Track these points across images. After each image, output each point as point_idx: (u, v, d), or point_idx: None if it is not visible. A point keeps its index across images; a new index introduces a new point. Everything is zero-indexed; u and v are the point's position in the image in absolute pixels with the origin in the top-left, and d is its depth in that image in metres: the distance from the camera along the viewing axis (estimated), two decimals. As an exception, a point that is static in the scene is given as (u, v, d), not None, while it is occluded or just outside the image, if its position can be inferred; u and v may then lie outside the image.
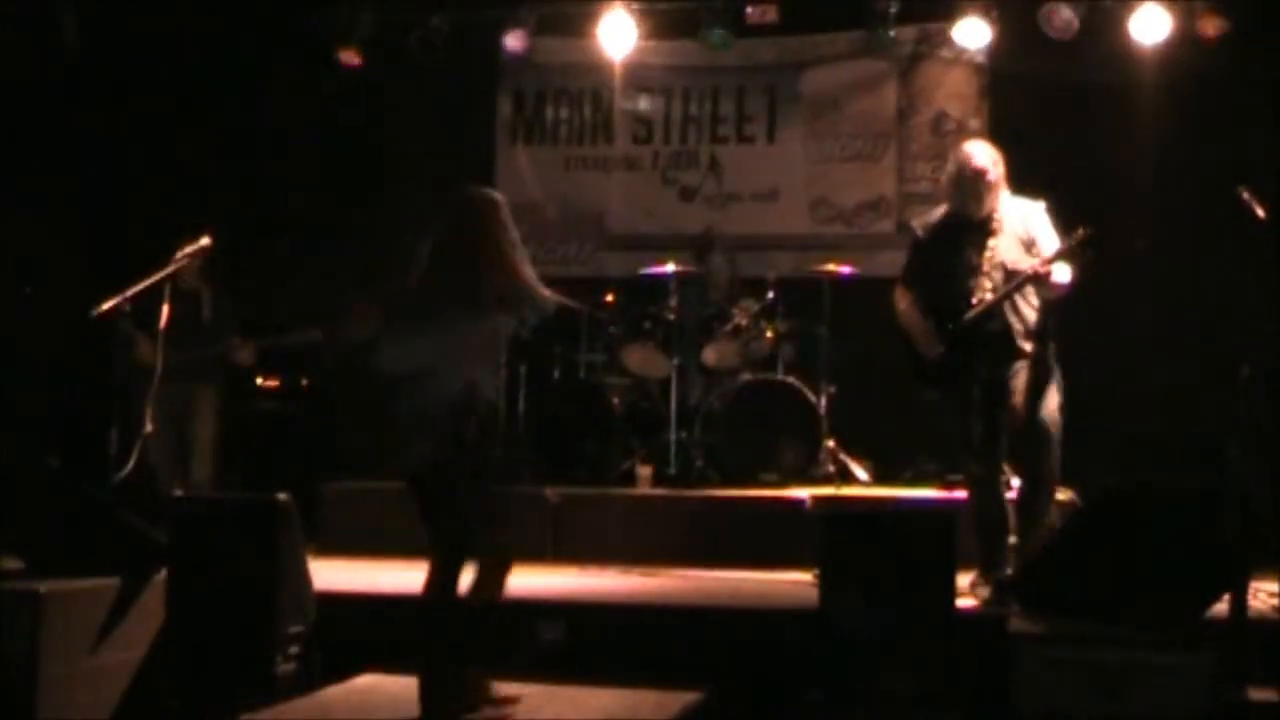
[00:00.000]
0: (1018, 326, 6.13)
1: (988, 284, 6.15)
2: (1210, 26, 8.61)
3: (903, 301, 6.41)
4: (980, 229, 6.23)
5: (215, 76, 9.61)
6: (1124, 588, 5.16)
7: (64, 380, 8.98)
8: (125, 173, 9.33)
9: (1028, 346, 6.14)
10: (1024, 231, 6.20)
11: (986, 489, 6.28)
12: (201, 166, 9.50)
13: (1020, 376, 6.13)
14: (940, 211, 6.41)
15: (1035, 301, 6.16)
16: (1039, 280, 6.03)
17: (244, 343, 7.79)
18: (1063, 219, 6.32)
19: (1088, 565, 5.29)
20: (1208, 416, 7.28)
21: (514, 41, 9.77)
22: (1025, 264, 6.07)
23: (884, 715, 5.05)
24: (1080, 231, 5.95)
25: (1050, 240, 6.13)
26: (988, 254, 6.17)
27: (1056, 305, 6.19)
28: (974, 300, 6.14)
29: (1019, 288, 6.07)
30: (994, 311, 6.12)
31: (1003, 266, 6.13)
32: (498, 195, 5.85)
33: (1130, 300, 8.47)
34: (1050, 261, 5.98)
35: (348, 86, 9.77)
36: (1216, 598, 5.29)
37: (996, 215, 6.23)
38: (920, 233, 6.46)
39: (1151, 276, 8.57)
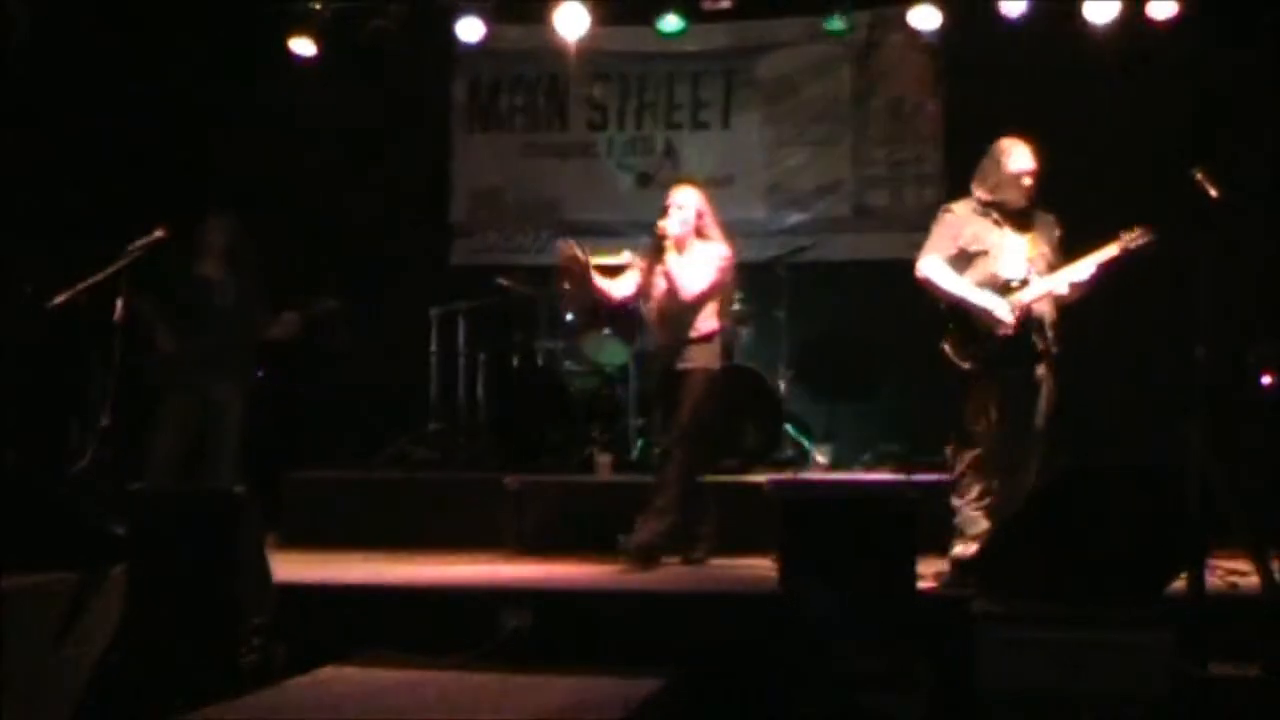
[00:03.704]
0: (1048, 318, 6.32)
1: (1035, 271, 6.29)
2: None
3: (939, 269, 6.39)
4: (1018, 219, 6.40)
5: (168, 66, 9.53)
6: (1083, 567, 5.20)
7: (21, 373, 8.89)
8: (82, 163, 9.23)
9: (1052, 339, 6.30)
10: (1051, 238, 6.42)
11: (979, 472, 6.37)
12: (157, 156, 9.42)
13: (1037, 374, 6.25)
14: (977, 195, 6.48)
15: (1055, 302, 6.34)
16: (1078, 286, 6.25)
17: (277, 317, 7.56)
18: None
19: (1047, 545, 5.32)
20: (1163, 396, 7.34)
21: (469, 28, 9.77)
22: (1056, 262, 6.31)
23: (846, 698, 5.07)
24: (1136, 233, 6.26)
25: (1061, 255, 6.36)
26: (1025, 244, 6.33)
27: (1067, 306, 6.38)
28: (1025, 281, 6.25)
29: (1072, 288, 6.26)
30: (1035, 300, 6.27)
31: (1045, 258, 6.31)
32: None
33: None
34: (1106, 265, 6.24)
35: (301, 75, 9.71)
36: (1174, 575, 5.34)
37: (1027, 211, 6.41)
38: (956, 211, 6.51)
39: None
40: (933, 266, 6.40)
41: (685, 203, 7.09)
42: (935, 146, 9.85)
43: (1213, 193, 6.16)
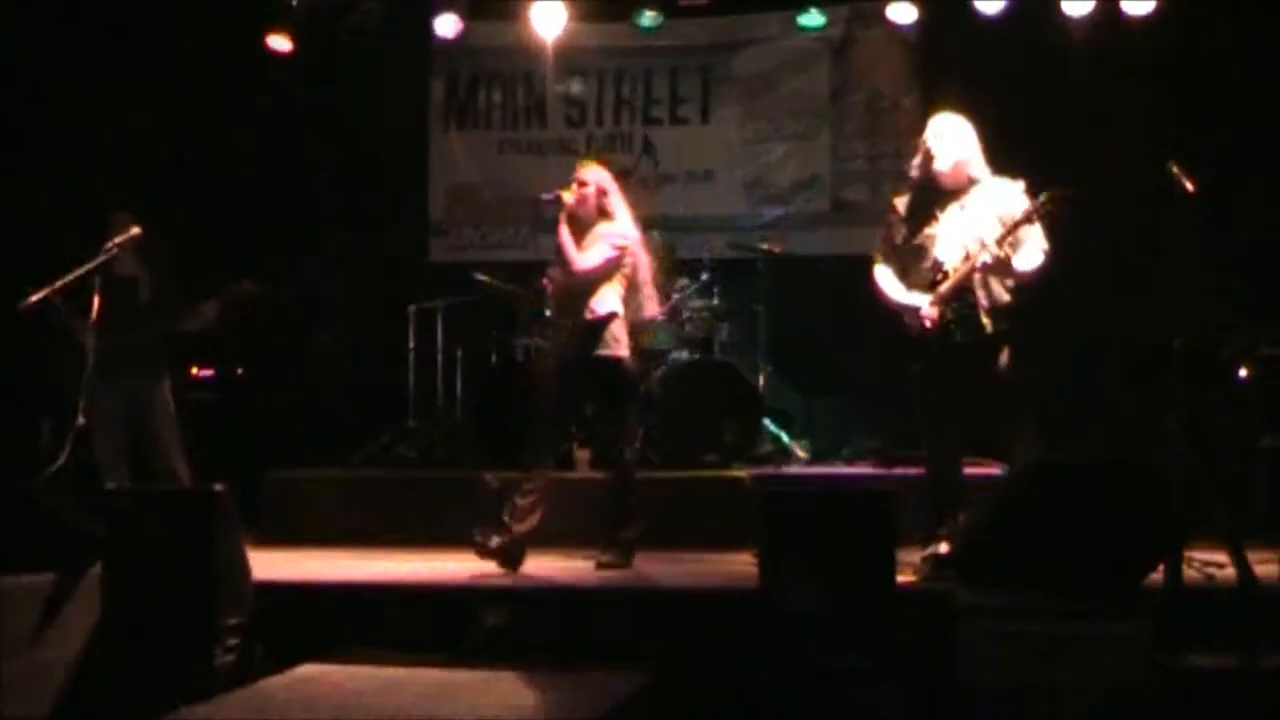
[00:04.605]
0: (984, 303, 6.10)
1: (966, 257, 6.11)
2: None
3: (881, 275, 6.34)
4: (953, 201, 6.21)
5: (146, 61, 9.49)
6: (1062, 559, 5.20)
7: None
8: (49, 160, 9.18)
9: (997, 325, 6.12)
10: (1006, 212, 6.12)
11: (944, 464, 6.31)
12: (130, 153, 9.37)
13: (991, 355, 6.14)
14: (913, 185, 6.38)
15: (1009, 281, 6.15)
16: (998, 266, 6.02)
17: (194, 309, 7.50)
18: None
19: (1025, 537, 5.33)
20: (1141, 388, 7.36)
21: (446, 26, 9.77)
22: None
23: (827, 693, 5.07)
24: (1042, 199, 5.96)
25: (1033, 233, 6.08)
26: (963, 226, 6.14)
27: (1028, 286, 6.17)
28: (948, 272, 6.12)
29: (984, 269, 6.04)
30: (967, 286, 6.10)
31: (980, 242, 6.08)
32: None
33: (1062, 273, 8.54)
34: (1004, 238, 5.97)
35: (280, 72, 9.69)
36: (1152, 567, 5.35)
37: (973, 189, 6.21)
38: (896, 205, 6.41)
39: (1082, 251, 8.65)
40: (877, 275, 6.36)
41: (588, 179, 6.95)
42: (912, 141, 9.85)
43: (1188, 186, 6.17)
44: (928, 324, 6.12)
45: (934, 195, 6.27)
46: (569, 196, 6.89)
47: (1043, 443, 6.14)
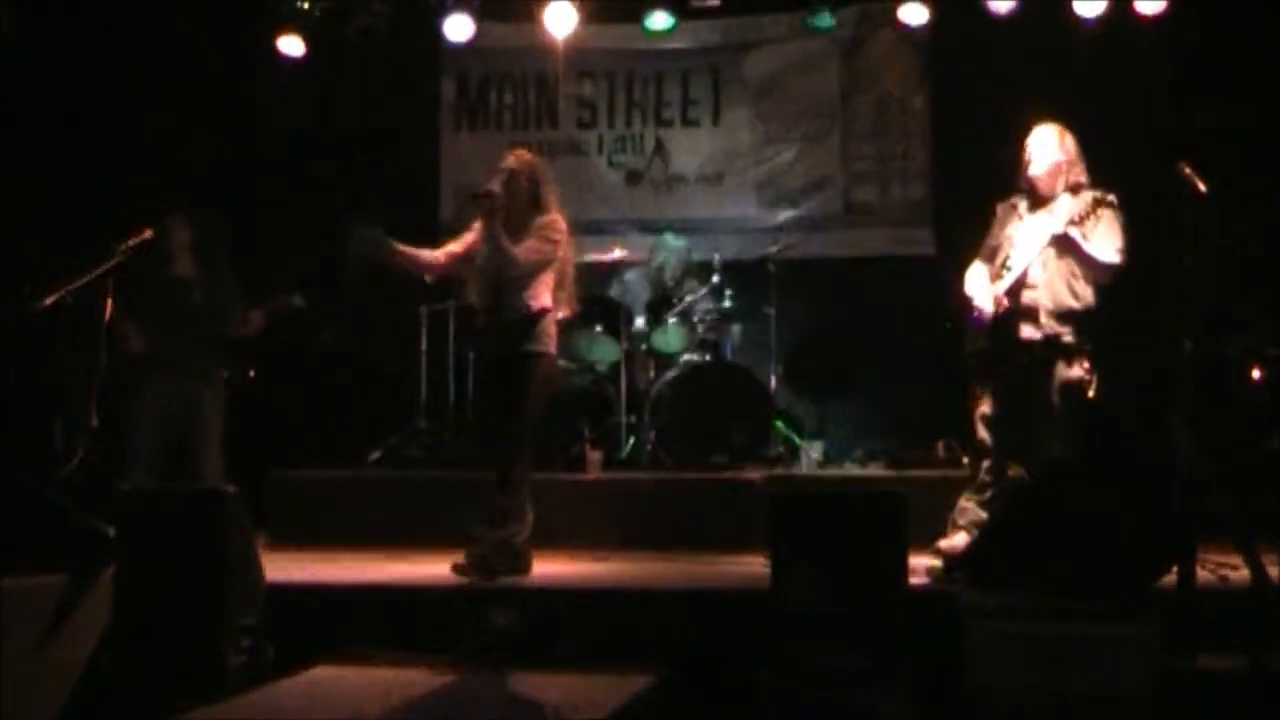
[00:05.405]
0: (1048, 304, 6.18)
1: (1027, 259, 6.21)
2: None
3: (971, 270, 6.44)
4: (1040, 206, 6.32)
5: (156, 63, 9.51)
6: (1071, 561, 5.20)
7: (6, 374, 8.86)
8: (62, 162, 9.20)
9: (1055, 327, 6.18)
10: (1080, 214, 6.19)
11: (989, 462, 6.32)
12: (140, 156, 9.40)
13: (1046, 356, 6.17)
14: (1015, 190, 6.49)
15: (1080, 287, 6.21)
16: (1067, 246, 6.10)
17: (245, 313, 7.44)
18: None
19: (1035, 539, 5.33)
20: (1152, 390, 7.36)
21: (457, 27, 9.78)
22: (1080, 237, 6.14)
23: (835, 694, 5.07)
24: (1086, 204, 6.08)
25: (1105, 230, 6.16)
26: (1039, 228, 6.22)
27: (1105, 286, 6.25)
28: (1011, 268, 6.22)
29: (1049, 255, 6.15)
30: (1026, 284, 6.17)
31: (1041, 242, 6.19)
32: None
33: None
34: (1069, 225, 6.07)
35: (290, 73, 9.70)
36: (1165, 570, 5.34)
37: (1064, 196, 6.30)
38: (998, 209, 6.53)
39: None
40: (969, 270, 6.46)
41: (519, 169, 6.75)
42: (922, 142, 9.88)
43: (1200, 187, 6.17)
44: (977, 315, 6.23)
45: (1031, 200, 6.39)
46: (496, 188, 6.64)
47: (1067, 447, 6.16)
